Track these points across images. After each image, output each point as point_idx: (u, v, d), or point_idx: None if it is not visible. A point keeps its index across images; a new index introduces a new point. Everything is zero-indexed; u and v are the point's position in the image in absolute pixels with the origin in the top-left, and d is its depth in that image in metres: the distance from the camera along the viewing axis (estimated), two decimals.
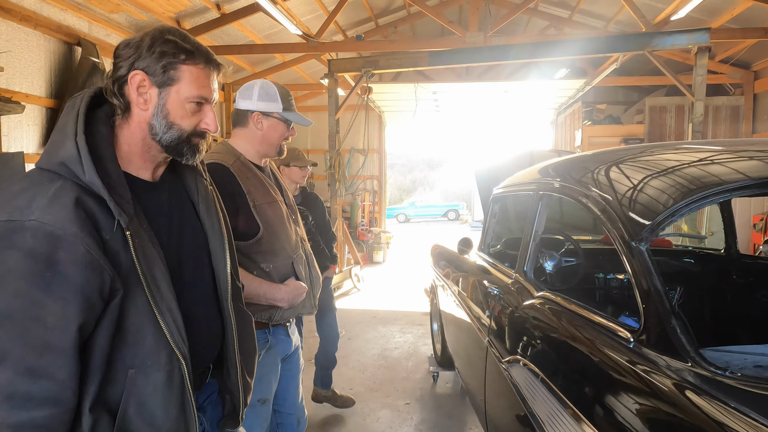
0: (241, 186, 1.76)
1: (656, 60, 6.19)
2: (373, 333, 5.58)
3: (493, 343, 2.12)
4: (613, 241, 1.48)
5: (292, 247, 1.87)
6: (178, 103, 1.12)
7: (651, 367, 1.15)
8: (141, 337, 1.06)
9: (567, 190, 1.91)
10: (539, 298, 1.85)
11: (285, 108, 1.86)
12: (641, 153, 1.91)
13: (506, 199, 3.14)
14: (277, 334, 1.90)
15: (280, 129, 1.87)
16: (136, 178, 1.15)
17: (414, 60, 6.94)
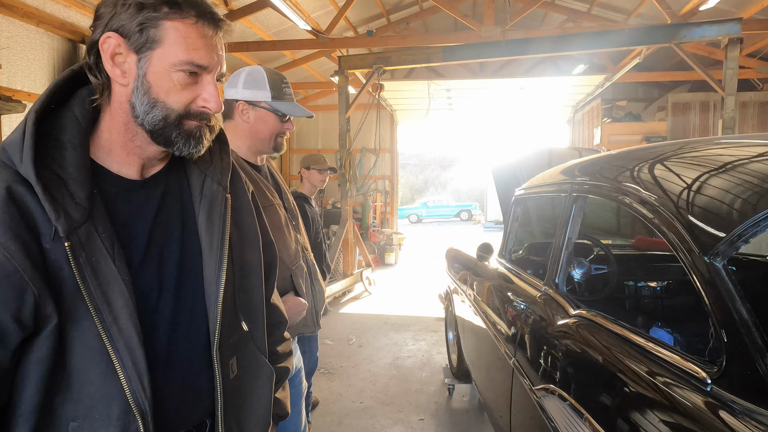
0: None
1: (683, 53, 5.86)
2: (384, 340, 5.34)
3: (520, 367, 1.87)
4: (676, 254, 1.22)
5: (291, 257, 1.64)
6: (162, 72, 0.84)
7: (741, 420, 0.89)
8: (87, 382, 0.82)
9: (609, 191, 1.65)
10: (576, 318, 1.60)
11: (275, 96, 1.59)
12: (681, 149, 1.66)
13: (529, 201, 2.89)
14: None
15: (271, 121, 1.61)
16: (115, 175, 0.89)
17: (427, 55, 6.69)
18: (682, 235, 1.21)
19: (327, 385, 4.07)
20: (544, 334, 1.73)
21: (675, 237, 1.24)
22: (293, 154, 12.54)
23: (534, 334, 1.82)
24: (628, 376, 1.24)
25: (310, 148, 12.40)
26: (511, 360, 1.98)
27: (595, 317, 1.52)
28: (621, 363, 1.29)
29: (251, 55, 8.66)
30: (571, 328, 1.57)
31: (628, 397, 1.21)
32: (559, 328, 1.64)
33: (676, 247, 1.24)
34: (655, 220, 1.38)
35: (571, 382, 1.45)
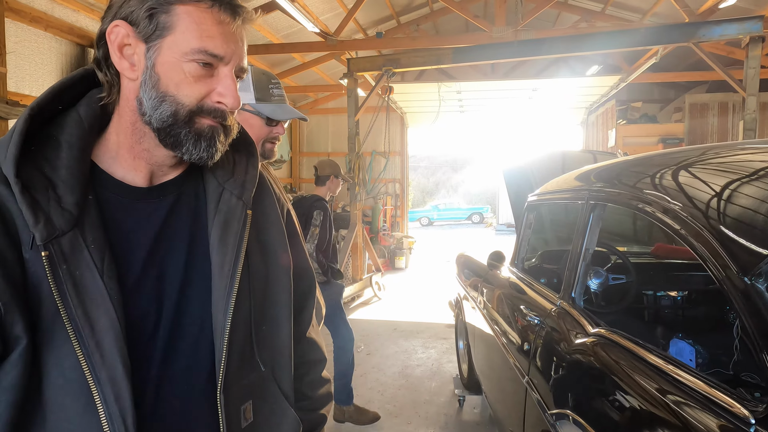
0: None
1: (702, 52, 5.68)
2: (393, 347, 5.23)
3: (534, 386, 1.75)
4: (709, 270, 1.10)
5: None
6: (172, 62, 0.74)
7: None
8: (64, 418, 0.71)
9: (629, 199, 1.53)
10: (595, 337, 1.48)
11: (260, 99, 1.46)
12: (705, 155, 1.55)
13: (543, 208, 2.77)
14: None
15: (255, 125, 1.47)
16: (117, 181, 0.79)
17: (437, 57, 6.59)
18: (716, 249, 1.09)
19: None
20: (561, 353, 1.61)
21: (707, 251, 1.12)
22: (303, 157, 12.49)
23: (549, 352, 1.70)
24: (653, 407, 1.12)
25: (320, 152, 12.35)
26: (524, 378, 1.86)
27: (617, 337, 1.40)
28: (646, 393, 1.16)
29: (260, 58, 8.62)
30: (590, 348, 1.45)
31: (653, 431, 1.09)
32: (576, 348, 1.52)
33: (708, 262, 1.12)
34: (682, 231, 1.26)
35: (589, 410, 1.33)
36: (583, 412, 1.34)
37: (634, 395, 1.20)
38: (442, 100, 9.78)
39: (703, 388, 1.06)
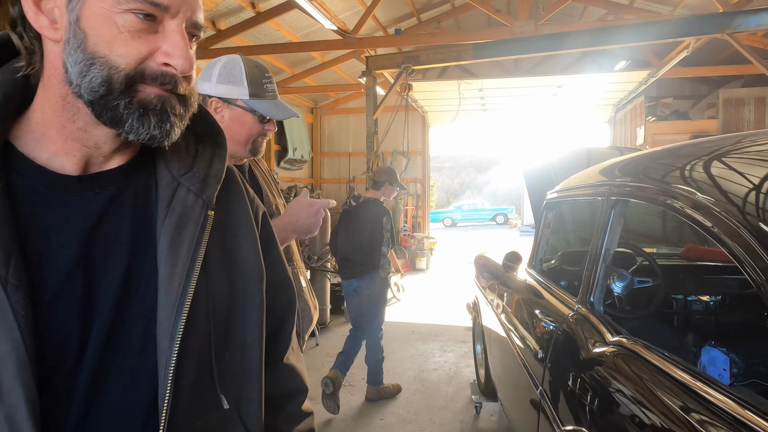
0: None
1: (737, 44, 5.39)
2: (410, 350, 5.10)
3: (548, 397, 1.61)
4: (746, 272, 0.95)
5: None
6: (101, 13, 0.59)
7: None
8: None
9: (655, 194, 1.38)
10: (615, 347, 1.33)
11: (253, 94, 1.37)
12: (741, 143, 1.38)
13: (562, 206, 2.61)
14: None
15: (248, 123, 1.39)
16: (39, 167, 0.64)
17: (457, 53, 6.42)
18: (755, 250, 0.94)
19: (347, 399, 3.87)
20: (576, 363, 1.46)
21: (744, 252, 0.98)
22: (324, 157, 12.46)
23: (564, 362, 1.56)
24: (676, 429, 0.97)
25: (341, 152, 12.29)
26: (537, 389, 1.72)
27: (639, 348, 1.26)
28: (669, 412, 1.02)
29: (279, 57, 8.60)
30: (609, 359, 1.30)
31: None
32: (593, 358, 1.37)
33: (745, 264, 0.98)
34: (714, 229, 1.11)
35: (603, 424, 1.19)
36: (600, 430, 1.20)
37: (656, 414, 1.06)
38: (463, 98, 9.58)
39: (734, 409, 0.92)
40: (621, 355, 1.28)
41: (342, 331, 5.81)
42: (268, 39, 7.91)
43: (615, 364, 1.26)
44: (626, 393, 1.19)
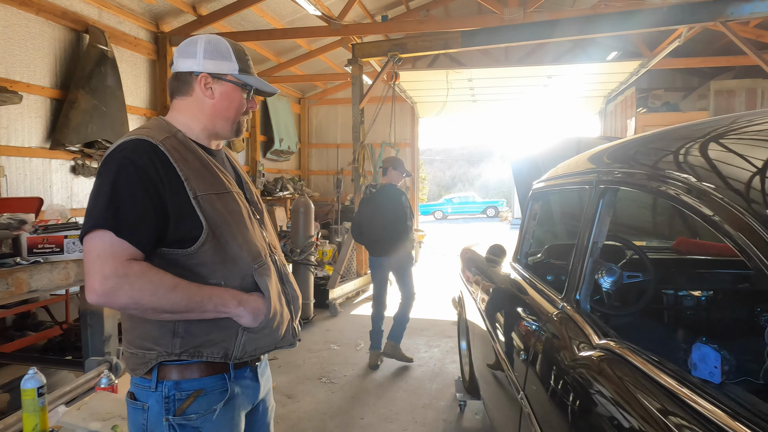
0: (176, 170, 1.21)
1: (730, 33, 5.27)
2: None
3: (529, 404, 1.47)
4: (751, 264, 0.82)
5: (253, 253, 1.31)
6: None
7: None
8: None
9: (647, 180, 1.24)
10: (601, 350, 1.19)
11: (242, 69, 1.35)
12: (736, 123, 1.26)
13: (549, 196, 2.47)
14: (240, 379, 1.32)
15: (237, 99, 1.36)
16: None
17: (445, 41, 6.26)
18: (764, 238, 0.81)
19: (327, 396, 3.73)
20: (559, 368, 1.33)
21: (750, 241, 0.84)
22: (312, 148, 12.25)
23: (547, 366, 1.42)
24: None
25: (329, 143, 12.09)
26: (519, 394, 1.59)
27: (626, 352, 1.12)
28: (657, 425, 0.89)
29: (263, 44, 8.37)
30: (594, 364, 1.17)
31: None
32: (577, 363, 1.24)
33: (751, 255, 0.84)
34: (715, 217, 0.98)
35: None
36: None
37: (642, 428, 0.92)
38: (452, 89, 9.41)
39: (724, 420, 0.80)
40: (607, 360, 1.15)
41: (326, 326, 5.67)
42: (251, 25, 7.69)
43: (601, 370, 1.13)
44: (613, 404, 1.05)
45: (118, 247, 1.12)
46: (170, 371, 1.23)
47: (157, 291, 1.13)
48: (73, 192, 5.77)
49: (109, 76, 5.84)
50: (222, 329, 1.24)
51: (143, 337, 1.22)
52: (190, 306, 1.16)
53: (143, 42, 6.79)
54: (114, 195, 1.14)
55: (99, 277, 1.10)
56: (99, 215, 1.13)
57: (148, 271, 1.14)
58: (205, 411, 1.24)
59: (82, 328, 3.13)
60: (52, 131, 5.41)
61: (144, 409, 1.23)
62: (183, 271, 1.20)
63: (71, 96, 5.46)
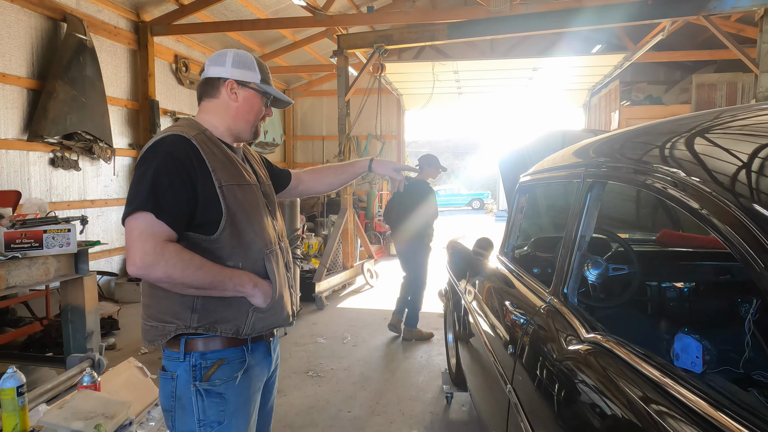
0: (206, 162, 1.40)
1: (713, 26, 5.32)
2: (382, 338, 4.98)
3: (518, 398, 1.48)
4: (740, 258, 0.82)
5: (266, 240, 1.51)
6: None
7: None
8: None
9: (634, 174, 1.24)
10: (589, 344, 1.20)
11: (263, 80, 1.57)
12: (720, 118, 1.27)
13: (536, 189, 2.47)
14: (256, 352, 1.51)
15: (257, 104, 1.57)
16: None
17: (431, 33, 6.22)
18: (752, 231, 0.81)
19: (314, 390, 3.72)
20: (548, 362, 1.33)
21: (738, 234, 0.84)
22: (297, 140, 12.16)
23: (535, 360, 1.43)
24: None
25: (315, 135, 12.01)
26: (506, 387, 1.59)
27: (614, 346, 1.12)
28: (647, 419, 0.89)
29: (247, 34, 8.25)
30: (582, 359, 1.17)
31: None
32: (566, 357, 1.24)
33: (738, 248, 0.84)
34: (702, 210, 0.98)
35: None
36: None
37: (631, 422, 0.93)
38: (438, 81, 9.38)
39: (708, 412, 0.81)
40: (595, 354, 1.15)
41: (312, 320, 5.65)
42: (234, 15, 7.56)
43: (590, 365, 1.13)
44: (602, 397, 1.06)
45: (157, 227, 1.29)
46: (196, 343, 1.40)
47: (186, 268, 1.29)
48: (52, 185, 5.64)
49: (88, 66, 5.70)
50: (234, 309, 1.42)
51: (164, 311, 1.39)
52: (213, 284, 1.34)
53: (123, 31, 6.64)
54: (155, 182, 1.31)
55: (140, 252, 1.27)
56: (142, 199, 1.30)
57: (181, 251, 1.31)
58: (228, 378, 1.42)
59: (63, 324, 3.07)
60: (30, 123, 5.27)
61: (173, 378, 1.41)
62: (204, 253, 1.37)
63: (49, 86, 5.33)
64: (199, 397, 1.39)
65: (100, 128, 5.90)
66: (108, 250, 6.47)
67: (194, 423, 1.39)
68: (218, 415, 1.40)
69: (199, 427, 1.40)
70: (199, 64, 8.28)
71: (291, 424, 3.17)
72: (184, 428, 1.41)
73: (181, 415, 1.41)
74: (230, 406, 1.42)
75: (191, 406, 1.39)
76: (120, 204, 6.64)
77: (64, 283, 3.02)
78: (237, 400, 1.44)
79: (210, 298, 1.38)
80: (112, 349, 4.57)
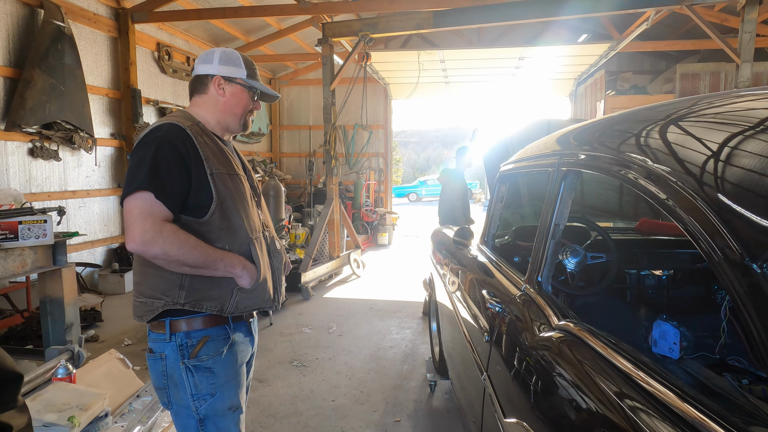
0: (199, 150, 1.50)
1: (696, 16, 5.35)
2: (367, 328, 4.99)
3: (492, 385, 1.49)
4: (702, 251, 0.83)
5: (252, 227, 1.61)
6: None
7: None
8: None
9: (607, 164, 1.25)
10: (560, 332, 1.21)
11: (249, 75, 1.67)
12: (697, 105, 1.27)
13: (517, 178, 2.48)
14: (238, 330, 1.61)
15: (244, 99, 1.67)
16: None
17: (417, 21, 6.18)
18: (714, 225, 0.81)
19: (298, 380, 3.73)
20: (520, 349, 1.34)
21: (701, 227, 0.85)
22: (284, 130, 12.06)
23: (509, 348, 1.44)
24: (614, 424, 0.86)
25: (301, 125, 11.93)
26: (482, 375, 1.60)
27: (584, 334, 1.13)
28: (611, 407, 0.90)
29: (231, 22, 8.13)
30: (553, 346, 1.18)
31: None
32: (537, 345, 1.25)
33: (701, 240, 0.85)
34: (668, 201, 0.98)
35: (545, 425, 1.07)
36: (537, 427, 1.08)
37: (599, 409, 0.94)
38: (424, 70, 9.34)
39: (673, 401, 0.81)
40: (566, 341, 1.16)
41: (298, 310, 5.65)
42: (218, 2, 7.44)
43: (560, 351, 1.14)
44: (569, 385, 1.07)
45: (156, 207, 1.39)
46: (180, 324, 1.49)
47: (183, 247, 1.39)
48: (31, 175, 5.54)
49: (66, 54, 5.58)
50: (220, 288, 1.51)
51: (153, 287, 1.47)
52: (206, 263, 1.44)
53: (103, 18, 6.50)
54: (154, 165, 1.40)
55: (140, 230, 1.36)
56: (142, 180, 1.38)
57: (178, 230, 1.40)
58: (214, 353, 1.51)
59: (42, 317, 3.04)
60: (7, 112, 5.16)
61: (162, 358, 1.50)
62: (195, 235, 1.45)
63: (26, 75, 5.21)
64: (189, 373, 1.49)
65: (81, 117, 5.80)
66: (91, 241, 6.39)
67: (188, 397, 1.50)
68: (210, 387, 1.51)
69: (194, 401, 1.50)
70: (182, 53, 8.15)
71: (275, 414, 3.18)
72: (180, 402, 1.51)
73: (175, 392, 1.51)
74: (220, 379, 1.52)
75: (183, 383, 1.49)
76: (102, 194, 6.55)
77: (42, 274, 2.97)
78: (226, 372, 1.53)
79: (198, 277, 1.47)
80: (95, 341, 4.53)
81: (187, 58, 8.22)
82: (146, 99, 7.28)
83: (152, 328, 1.52)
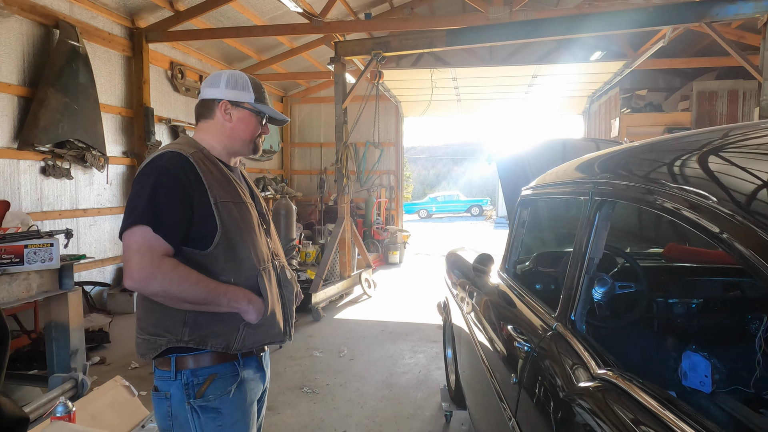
0: (202, 178, 1.43)
1: (715, 33, 5.25)
2: (379, 352, 4.85)
3: (521, 431, 1.37)
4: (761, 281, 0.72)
5: (260, 258, 1.52)
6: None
7: None
8: None
9: (647, 194, 1.14)
10: (602, 382, 1.09)
11: (257, 99, 1.59)
12: (730, 136, 1.19)
13: (538, 203, 2.37)
14: (248, 366, 1.52)
15: (252, 123, 1.59)
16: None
17: (430, 40, 6.14)
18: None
19: (309, 407, 3.60)
20: (556, 398, 1.22)
21: (763, 256, 0.74)
22: (295, 148, 12.07)
23: (541, 395, 1.32)
24: None
25: (312, 142, 11.93)
26: (510, 421, 1.48)
27: (631, 386, 1.01)
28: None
29: (244, 41, 8.18)
30: (596, 400, 1.06)
31: None
32: (576, 395, 1.13)
33: (764, 271, 0.74)
34: (723, 234, 0.88)
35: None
36: None
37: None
38: (437, 88, 9.31)
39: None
40: (610, 394, 1.04)
41: (308, 332, 5.53)
42: (231, 22, 7.49)
43: (603, 408, 1.02)
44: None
45: (155, 241, 1.32)
46: (186, 361, 1.41)
47: (183, 283, 1.32)
48: (43, 194, 5.53)
49: (81, 73, 5.61)
50: (225, 323, 1.43)
51: (156, 324, 1.41)
52: (208, 299, 1.36)
53: (118, 38, 6.56)
54: (153, 197, 1.34)
55: (138, 266, 1.29)
56: (140, 213, 1.32)
57: (178, 265, 1.33)
58: (221, 393, 1.42)
59: (47, 342, 2.96)
60: (20, 131, 5.17)
61: (167, 397, 1.42)
62: (197, 268, 1.38)
63: (40, 94, 5.23)
64: (195, 415, 1.41)
65: (93, 136, 5.80)
66: (101, 260, 6.35)
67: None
68: (216, 430, 1.42)
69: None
70: (195, 71, 8.19)
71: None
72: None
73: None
74: (228, 420, 1.43)
75: (188, 425, 1.41)
76: (113, 213, 6.52)
77: (48, 299, 2.90)
78: (234, 413, 1.45)
79: (202, 313, 1.40)
80: (102, 363, 4.45)
81: (199, 76, 8.26)
82: (159, 117, 7.30)
83: (158, 364, 1.45)
